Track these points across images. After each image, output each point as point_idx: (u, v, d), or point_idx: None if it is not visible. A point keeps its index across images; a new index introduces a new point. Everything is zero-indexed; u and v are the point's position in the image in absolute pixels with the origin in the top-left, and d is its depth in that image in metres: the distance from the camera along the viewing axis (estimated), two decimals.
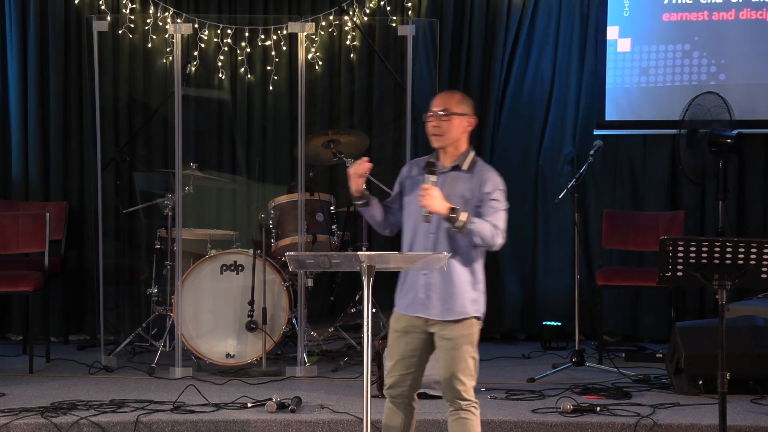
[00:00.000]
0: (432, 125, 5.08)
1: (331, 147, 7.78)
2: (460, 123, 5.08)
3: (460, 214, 4.90)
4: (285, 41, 8.80)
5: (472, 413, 5.11)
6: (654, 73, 8.74)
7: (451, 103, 5.09)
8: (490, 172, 5.11)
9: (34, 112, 8.82)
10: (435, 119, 5.07)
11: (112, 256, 8.49)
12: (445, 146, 5.08)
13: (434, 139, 5.08)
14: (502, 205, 5.06)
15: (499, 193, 5.06)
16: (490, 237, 4.96)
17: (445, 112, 5.06)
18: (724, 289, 5.08)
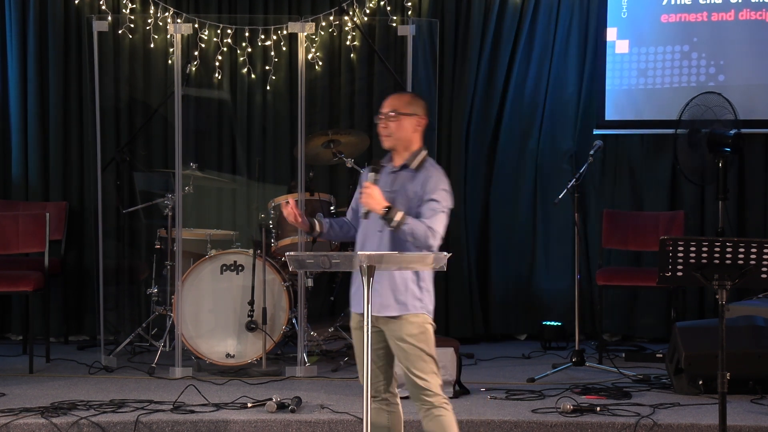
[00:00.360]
0: (381, 126, 5.17)
1: (331, 147, 7.78)
2: (409, 123, 5.15)
3: (396, 214, 4.96)
4: (285, 41, 8.80)
5: (445, 409, 5.15)
6: (652, 74, 8.73)
7: (400, 105, 5.16)
8: (434, 172, 5.16)
9: (34, 112, 8.82)
10: (384, 120, 5.16)
11: (112, 256, 8.49)
12: (394, 147, 5.17)
13: (383, 139, 5.18)
14: (441, 207, 5.09)
15: (440, 194, 5.11)
16: (423, 238, 5.00)
17: (394, 113, 5.13)
18: (724, 289, 5.08)
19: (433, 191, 5.10)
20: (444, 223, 5.09)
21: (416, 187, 5.11)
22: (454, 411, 5.24)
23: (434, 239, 5.02)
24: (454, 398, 6.77)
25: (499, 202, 8.94)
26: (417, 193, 5.10)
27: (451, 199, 5.18)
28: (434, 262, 4.72)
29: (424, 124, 5.20)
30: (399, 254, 4.89)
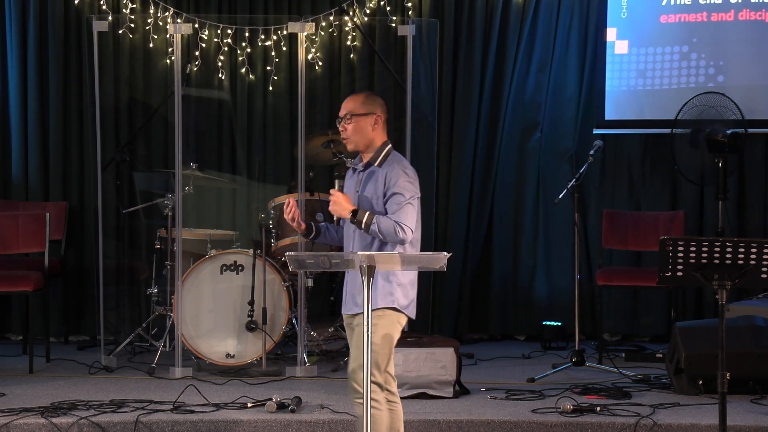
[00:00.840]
0: (341, 130, 5.27)
1: (331, 147, 7.78)
2: (366, 123, 5.23)
3: (362, 216, 5.06)
4: (285, 41, 8.80)
5: (377, 408, 5.16)
6: (651, 75, 8.72)
7: (355, 106, 5.25)
8: (395, 165, 5.20)
9: (34, 112, 8.82)
10: (342, 124, 5.26)
11: (112, 256, 8.49)
12: (357, 147, 5.27)
13: (346, 143, 5.29)
14: (406, 199, 5.13)
15: (403, 185, 5.14)
16: (392, 234, 5.07)
17: (349, 115, 5.23)
18: (724, 289, 5.08)
19: (396, 185, 5.14)
20: (413, 214, 5.14)
21: (380, 184, 5.18)
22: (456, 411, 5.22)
23: (404, 233, 5.08)
24: (454, 398, 6.77)
25: (499, 202, 8.94)
26: (381, 189, 5.16)
27: (416, 187, 5.20)
28: (434, 262, 4.72)
29: (382, 120, 5.27)
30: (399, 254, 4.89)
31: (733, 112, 8.15)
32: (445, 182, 8.83)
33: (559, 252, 8.85)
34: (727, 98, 8.16)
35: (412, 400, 6.71)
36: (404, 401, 6.68)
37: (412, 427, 6.25)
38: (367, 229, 5.08)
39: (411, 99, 7.96)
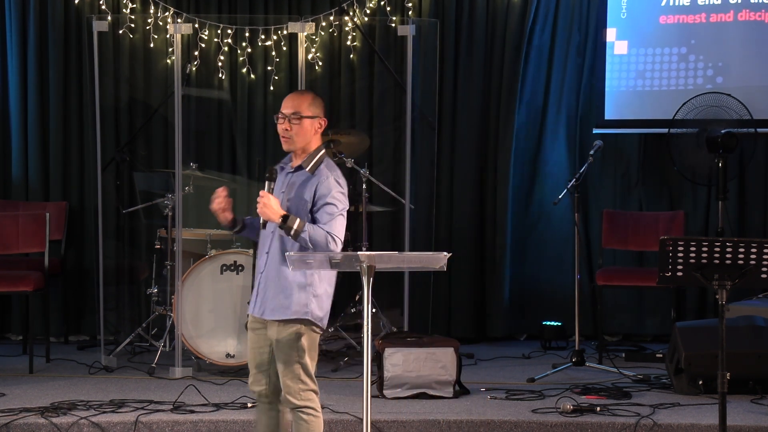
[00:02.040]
0: (282, 128, 5.07)
1: (331, 147, 7.78)
2: (311, 125, 5.10)
3: (293, 222, 4.90)
4: (285, 41, 8.80)
5: (304, 420, 5.03)
6: (650, 76, 8.72)
7: (303, 106, 5.09)
8: (328, 174, 5.05)
9: (34, 112, 8.82)
10: (285, 122, 5.06)
11: (112, 256, 8.48)
12: (293, 149, 5.10)
13: (284, 141, 5.09)
14: (338, 210, 5.00)
15: (336, 196, 5.01)
16: (324, 245, 4.92)
17: (296, 115, 5.05)
18: (724, 289, 5.08)
19: (329, 194, 4.99)
20: (343, 226, 5.01)
21: (311, 191, 5.02)
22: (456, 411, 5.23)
23: (335, 244, 4.93)
24: (454, 398, 6.77)
25: (499, 202, 8.93)
26: (311, 196, 5.01)
27: (347, 199, 5.07)
28: (434, 262, 4.72)
29: (324, 125, 5.15)
30: (399, 254, 4.89)
31: (737, 112, 8.14)
32: (446, 182, 8.83)
33: (559, 252, 8.85)
34: (733, 98, 8.15)
35: (412, 400, 6.71)
36: (404, 401, 6.71)
37: (412, 427, 6.25)
38: (296, 236, 4.90)
39: (411, 99, 7.96)
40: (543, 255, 8.94)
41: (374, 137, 8.72)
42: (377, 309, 7.95)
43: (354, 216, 8.04)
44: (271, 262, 5.06)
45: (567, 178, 7.71)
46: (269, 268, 5.06)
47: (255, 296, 5.11)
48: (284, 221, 4.89)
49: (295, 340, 4.99)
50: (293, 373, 5.01)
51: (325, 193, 4.99)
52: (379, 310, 7.99)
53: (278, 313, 5.02)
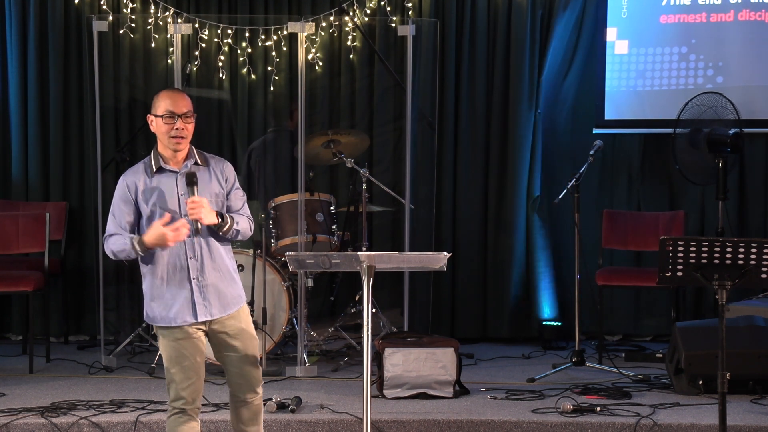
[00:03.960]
0: (178, 128, 4.93)
1: (331, 147, 7.79)
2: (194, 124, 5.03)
3: (227, 219, 4.95)
4: (285, 41, 8.80)
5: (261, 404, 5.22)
6: (651, 76, 8.72)
7: (191, 104, 5.02)
8: (219, 160, 5.10)
9: (34, 112, 8.82)
10: (181, 122, 4.93)
11: None
12: (184, 149, 4.99)
13: (178, 142, 4.93)
14: (243, 193, 5.11)
15: (238, 180, 5.11)
16: (249, 230, 5.07)
17: (190, 113, 4.98)
18: (724, 289, 5.08)
19: (235, 179, 5.08)
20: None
21: (218, 182, 5.02)
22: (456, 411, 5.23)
23: (252, 227, 5.09)
24: (454, 398, 6.77)
25: (499, 202, 8.93)
26: (221, 186, 5.02)
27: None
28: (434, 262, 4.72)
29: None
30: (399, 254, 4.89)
31: (731, 111, 8.15)
32: (447, 182, 8.83)
33: (559, 252, 8.85)
34: (725, 98, 8.15)
35: (412, 400, 6.71)
36: (404, 401, 6.71)
37: (412, 427, 6.25)
38: (228, 231, 4.95)
39: (411, 99, 7.96)
40: (543, 255, 8.93)
41: (374, 137, 8.73)
42: (377, 309, 7.95)
43: (354, 216, 8.04)
44: (206, 264, 5.00)
45: (567, 178, 7.70)
46: (207, 270, 5.00)
47: (193, 303, 4.99)
48: (222, 219, 4.93)
49: (251, 322, 5.14)
50: (256, 358, 5.11)
51: (233, 178, 5.06)
52: (379, 310, 7.99)
53: (236, 303, 5.10)
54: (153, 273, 4.98)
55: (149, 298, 5.03)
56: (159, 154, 5.00)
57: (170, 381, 5.07)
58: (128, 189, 4.96)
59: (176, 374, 5.03)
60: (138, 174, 4.99)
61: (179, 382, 5.03)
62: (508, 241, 8.90)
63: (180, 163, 4.99)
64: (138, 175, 4.98)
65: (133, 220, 4.98)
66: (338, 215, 8.07)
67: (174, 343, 5.01)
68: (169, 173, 4.98)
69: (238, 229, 5.00)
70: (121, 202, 4.97)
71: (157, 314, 5.01)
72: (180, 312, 4.98)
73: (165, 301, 4.98)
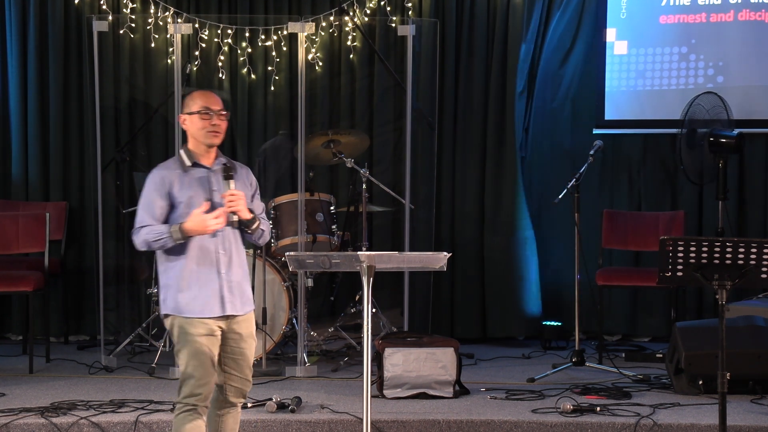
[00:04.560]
0: (214, 123, 5.07)
1: (331, 147, 7.79)
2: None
3: (257, 218, 5.08)
4: (285, 41, 8.80)
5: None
6: (651, 76, 8.73)
7: (223, 103, 5.16)
8: (246, 167, 5.25)
9: (34, 112, 8.82)
10: (216, 118, 5.08)
11: (112, 256, 8.48)
12: (219, 143, 5.14)
13: (213, 136, 5.07)
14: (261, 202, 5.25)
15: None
16: (268, 235, 5.19)
17: (225, 111, 5.12)
18: (724, 289, 5.08)
19: (257, 186, 5.21)
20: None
21: (245, 184, 5.15)
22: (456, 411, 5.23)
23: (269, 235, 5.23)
24: (454, 398, 6.77)
25: (499, 202, 8.93)
26: (248, 189, 5.15)
27: None
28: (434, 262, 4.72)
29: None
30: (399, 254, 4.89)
31: (724, 111, 8.13)
32: (447, 182, 8.83)
33: (559, 252, 8.85)
34: (719, 97, 8.14)
35: (412, 400, 6.71)
36: (404, 401, 6.71)
37: (412, 427, 6.25)
38: (256, 230, 5.08)
39: (411, 99, 7.96)
40: (543, 255, 8.94)
41: (374, 137, 8.73)
42: (377, 309, 7.95)
43: (354, 216, 8.04)
44: (233, 260, 5.10)
45: (567, 178, 7.70)
46: (234, 266, 5.09)
47: (222, 296, 5.05)
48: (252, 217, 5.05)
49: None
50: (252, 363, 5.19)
51: (255, 184, 5.20)
52: (379, 310, 7.99)
53: (251, 303, 5.19)
54: (182, 264, 5.03)
55: (176, 289, 5.05)
56: (190, 151, 5.11)
57: (187, 377, 5.04)
58: (163, 182, 5.05)
59: (196, 370, 5.02)
60: (170, 169, 5.10)
61: (198, 378, 5.01)
62: (508, 241, 8.90)
63: (212, 161, 5.11)
64: (170, 169, 5.09)
65: (166, 213, 5.06)
66: (338, 215, 8.07)
67: (197, 338, 5.02)
68: (202, 169, 5.09)
69: (263, 230, 5.12)
70: (156, 195, 5.04)
71: (183, 305, 5.04)
72: (208, 304, 5.04)
73: (193, 293, 5.03)
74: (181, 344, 5.05)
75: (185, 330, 5.03)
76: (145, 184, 5.10)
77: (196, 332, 5.01)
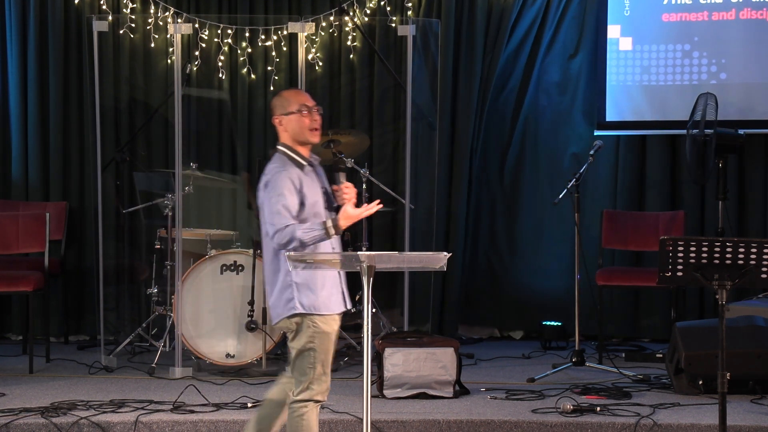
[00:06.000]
0: (315, 120, 5.13)
1: (331, 147, 7.78)
2: None
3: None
4: (285, 41, 8.80)
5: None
6: (655, 72, 8.73)
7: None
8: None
9: (34, 112, 8.82)
10: (316, 114, 5.13)
11: (112, 256, 8.48)
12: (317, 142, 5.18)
13: (315, 134, 5.14)
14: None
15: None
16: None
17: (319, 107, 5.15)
18: (724, 289, 5.08)
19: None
20: None
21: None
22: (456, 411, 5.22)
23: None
24: (454, 398, 6.77)
25: (499, 202, 8.93)
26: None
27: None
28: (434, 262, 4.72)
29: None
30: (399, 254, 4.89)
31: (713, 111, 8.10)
32: (446, 182, 8.83)
33: (559, 252, 8.85)
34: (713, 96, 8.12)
35: (412, 400, 6.71)
36: (404, 401, 6.71)
37: (412, 427, 6.25)
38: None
39: (411, 99, 7.96)
40: (543, 255, 8.94)
41: (374, 137, 8.73)
42: (377, 309, 7.95)
43: None
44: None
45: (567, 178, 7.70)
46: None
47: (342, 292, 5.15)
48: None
49: None
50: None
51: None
52: (379, 310, 7.99)
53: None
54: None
55: (308, 287, 5.04)
56: (293, 149, 5.15)
57: (320, 375, 5.04)
58: (295, 182, 5.05)
59: (327, 366, 5.06)
60: (291, 168, 5.10)
61: (328, 374, 5.08)
62: (508, 241, 8.90)
63: (309, 156, 5.18)
64: (292, 169, 5.10)
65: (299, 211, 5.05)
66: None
67: (332, 336, 5.07)
68: (309, 165, 5.16)
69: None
70: (292, 195, 5.03)
71: (320, 303, 5.04)
72: (336, 301, 5.11)
73: (327, 291, 5.07)
74: (317, 342, 5.04)
75: (321, 329, 5.04)
76: (274, 186, 5.04)
77: (332, 330, 5.08)
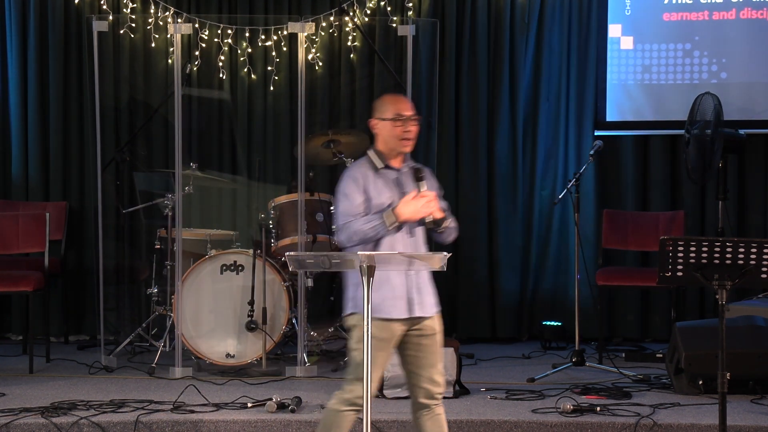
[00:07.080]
0: (407, 130, 5.14)
1: (331, 147, 7.78)
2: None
3: (448, 216, 5.10)
4: (285, 41, 8.80)
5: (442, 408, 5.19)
6: (656, 71, 8.74)
7: (413, 108, 5.19)
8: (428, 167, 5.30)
9: (34, 112, 8.82)
10: (411, 124, 5.15)
11: (112, 256, 8.48)
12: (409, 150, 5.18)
13: (405, 144, 5.15)
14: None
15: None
16: (455, 233, 5.16)
17: (415, 116, 5.16)
18: (724, 289, 5.08)
19: (440, 186, 5.21)
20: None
21: (433, 184, 5.19)
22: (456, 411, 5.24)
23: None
24: (454, 398, 6.77)
25: (499, 202, 8.93)
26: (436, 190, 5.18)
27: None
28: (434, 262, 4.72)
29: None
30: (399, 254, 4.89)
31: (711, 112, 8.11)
32: (448, 182, 8.82)
33: (559, 252, 8.85)
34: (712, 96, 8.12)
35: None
36: (404, 401, 6.70)
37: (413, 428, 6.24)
38: (445, 228, 5.09)
39: (411, 99, 7.95)
40: (543, 255, 8.93)
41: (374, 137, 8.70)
42: None
43: None
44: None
45: (567, 177, 7.70)
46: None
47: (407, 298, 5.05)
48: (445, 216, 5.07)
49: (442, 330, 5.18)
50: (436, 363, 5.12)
51: (437, 187, 5.22)
52: None
53: (436, 305, 5.17)
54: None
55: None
56: (381, 153, 5.16)
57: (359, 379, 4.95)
58: (360, 179, 5.07)
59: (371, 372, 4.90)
60: (363, 168, 5.12)
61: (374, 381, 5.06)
62: (508, 241, 8.90)
63: (400, 163, 5.18)
64: (364, 169, 5.12)
65: (365, 209, 5.06)
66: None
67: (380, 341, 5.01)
68: (392, 171, 5.15)
69: (453, 227, 5.13)
70: (356, 192, 5.04)
71: (376, 303, 4.95)
72: (396, 306, 5.04)
73: (382, 293, 5.00)
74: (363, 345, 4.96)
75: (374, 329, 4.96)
76: (342, 183, 5.10)
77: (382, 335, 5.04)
